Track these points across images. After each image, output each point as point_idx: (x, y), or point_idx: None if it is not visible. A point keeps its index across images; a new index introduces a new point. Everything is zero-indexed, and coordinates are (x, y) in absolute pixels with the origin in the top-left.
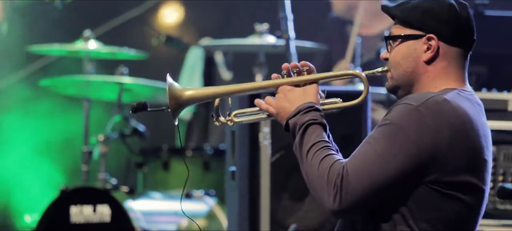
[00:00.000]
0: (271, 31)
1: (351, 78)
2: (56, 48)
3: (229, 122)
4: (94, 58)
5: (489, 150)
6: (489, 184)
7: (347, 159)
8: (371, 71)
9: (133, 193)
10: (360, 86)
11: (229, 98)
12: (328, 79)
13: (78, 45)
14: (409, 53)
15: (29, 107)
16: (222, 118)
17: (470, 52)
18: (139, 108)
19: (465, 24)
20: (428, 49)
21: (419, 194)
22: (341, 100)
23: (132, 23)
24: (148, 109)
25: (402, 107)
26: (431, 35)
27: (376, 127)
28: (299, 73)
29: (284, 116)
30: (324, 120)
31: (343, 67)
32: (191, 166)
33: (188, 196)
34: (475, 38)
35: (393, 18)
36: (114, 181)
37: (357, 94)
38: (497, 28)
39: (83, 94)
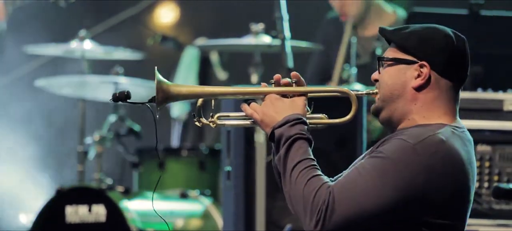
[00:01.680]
0: (267, 31)
1: (340, 95)
2: (51, 48)
3: (211, 124)
4: (89, 58)
5: (473, 189)
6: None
7: (333, 183)
8: (360, 93)
9: (128, 193)
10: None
11: (213, 100)
12: (316, 93)
13: (74, 45)
14: (399, 76)
15: (25, 107)
16: (203, 119)
17: (461, 88)
18: (121, 98)
19: (460, 57)
20: (419, 76)
21: None
22: (326, 116)
23: (128, 23)
24: (129, 101)
25: (398, 142)
26: (423, 62)
27: (368, 157)
28: (288, 85)
29: (269, 124)
30: (310, 135)
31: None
32: (187, 166)
33: (183, 196)
34: (468, 74)
35: (389, 42)
36: (109, 181)
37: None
38: (493, 28)
39: (79, 94)
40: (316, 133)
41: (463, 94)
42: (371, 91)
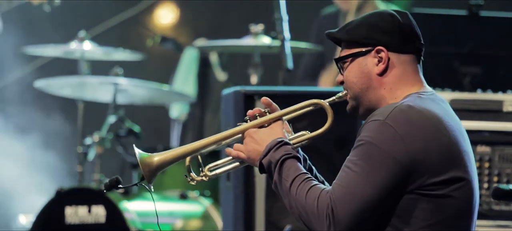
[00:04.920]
0: (266, 32)
1: (313, 107)
2: (51, 49)
3: (204, 178)
4: (89, 59)
5: (467, 142)
6: (476, 175)
7: (331, 187)
8: (330, 99)
9: (128, 194)
10: None
11: (199, 156)
12: (290, 114)
13: (73, 46)
14: (361, 69)
15: (24, 108)
16: (194, 175)
17: (422, 56)
18: (112, 186)
19: (410, 31)
20: (379, 61)
21: (410, 203)
22: (309, 131)
23: (127, 23)
24: (120, 186)
25: (371, 124)
26: (379, 47)
27: (352, 150)
28: (263, 115)
29: (255, 158)
30: (297, 153)
31: (329, 79)
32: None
33: (183, 196)
34: (422, 42)
35: (339, 42)
36: None
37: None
38: (492, 29)
39: (78, 95)
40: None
41: (463, 95)
42: (340, 95)
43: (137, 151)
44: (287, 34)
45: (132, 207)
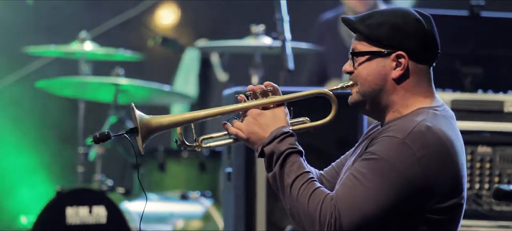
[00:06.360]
0: (267, 33)
1: (318, 96)
2: (52, 49)
3: (196, 148)
4: (90, 59)
5: (465, 162)
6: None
7: (335, 193)
8: (335, 88)
9: (129, 194)
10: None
11: (192, 124)
12: (294, 99)
13: (74, 46)
14: (378, 70)
15: (25, 108)
16: (187, 142)
17: (434, 64)
18: (102, 139)
19: (432, 39)
20: (397, 66)
21: (411, 224)
22: (309, 119)
23: (128, 24)
24: (112, 136)
25: (388, 141)
26: (400, 52)
27: (361, 160)
28: (265, 94)
29: (256, 142)
30: (300, 146)
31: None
32: (187, 167)
33: (183, 197)
34: (439, 51)
35: (355, 31)
36: (110, 182)
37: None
38: (493, 29)
39: (79, 95)
40: (316, 133)
41: (464, 96)
42: (346, 85)
43: (137, 112)
44: (288, 34)
45: (133, 208)
